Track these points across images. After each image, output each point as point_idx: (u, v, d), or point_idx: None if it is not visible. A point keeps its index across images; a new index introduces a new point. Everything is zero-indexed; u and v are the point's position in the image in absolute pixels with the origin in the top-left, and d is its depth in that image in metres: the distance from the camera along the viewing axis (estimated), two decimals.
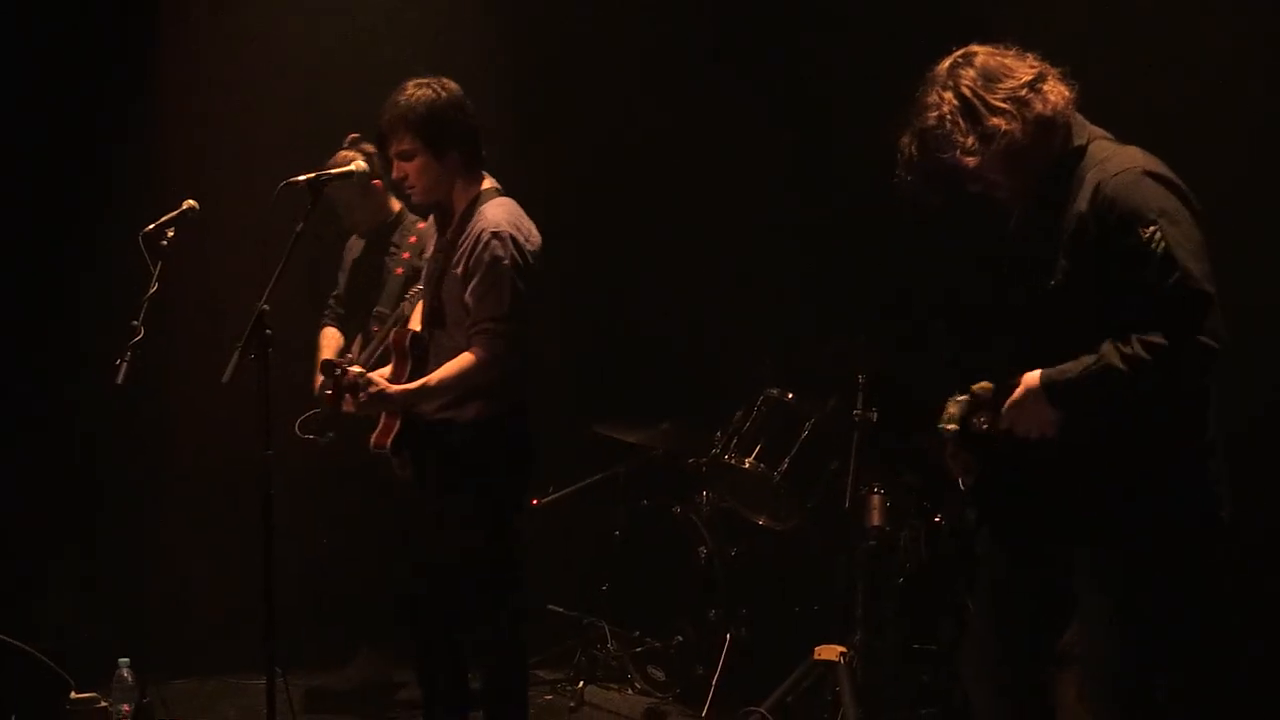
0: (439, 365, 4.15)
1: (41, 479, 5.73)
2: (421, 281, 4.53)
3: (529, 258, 4.07)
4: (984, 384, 3.29)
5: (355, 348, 5.34)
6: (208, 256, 5.17)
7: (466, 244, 4.12)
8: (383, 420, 4.22)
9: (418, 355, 4.27)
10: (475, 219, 4.14)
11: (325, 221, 4.93)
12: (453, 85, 4.20)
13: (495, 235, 4.04)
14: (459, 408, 4.14)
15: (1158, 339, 3.09)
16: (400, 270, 5.38)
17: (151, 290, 4.24)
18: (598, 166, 5.93)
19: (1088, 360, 3.17)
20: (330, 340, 5.51)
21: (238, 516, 5.01)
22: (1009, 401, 3.25)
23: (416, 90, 4.14)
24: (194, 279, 5.02)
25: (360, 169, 4.79)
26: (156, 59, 6.00)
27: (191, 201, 4.38)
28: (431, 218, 4.44)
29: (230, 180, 5.42)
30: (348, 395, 4.12)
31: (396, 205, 5.45)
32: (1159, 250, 3.09)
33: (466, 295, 4.10)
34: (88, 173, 5.76)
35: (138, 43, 5.91)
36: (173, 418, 5.79)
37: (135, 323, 4.20)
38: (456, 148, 4.13)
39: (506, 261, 4.04)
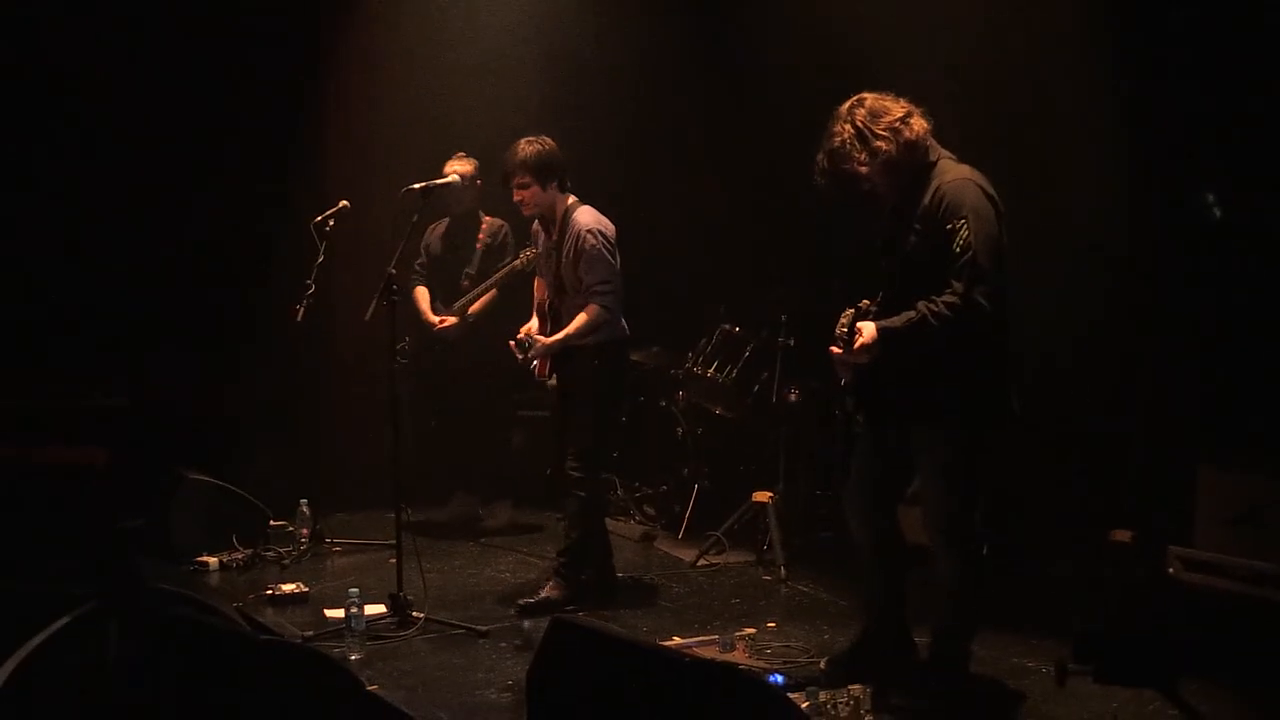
0: (570, 319, 4.96)
1: (253, 382, 6.51)
2: (539, 268, 5.24)
3: (610, 240, 4.93)
4: (865, 300, 3.74)
5: (464, 300, 5.90)
6: (356, 236, 5.77)
7: (570, 241, 4.91)
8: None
9: (554, 315, 5.10)
10: (571, 224, 4.93)
11: (411, 211, 5.11)
12: (549, 140, 4.97)
13: (589, 232, 4.90)
14: (586, 339, 4.97)
15: (951, 298, 3.53)
16: (479, 245, 6.12)
17: (320, 259, 5.39)
18: (598, 165, 5.88)
19: (908, 315, 3.60)
20: (423, 295, 6.11)
21: (374, 405, 5.76)
22: (859, 344, 3.64)
23: (529, 145, 4.93)
24: (346, 252, 5.83)
25: (458, 175, 5.61)
26: (318, 96, 6.73)
27: (345, 201, 5.50)
28: (536, 222, 5.16)
29: (372, 183, 6.04)
30: (529, 348, 4.96)
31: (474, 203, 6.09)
32: (963, 236, 3.56)
33: (579, 273, 4.90)
34: (273, 179, 6.43)
35: (304, 81, 6.60)
36: (334, 342, 6.44)
37: (308, 280, 5.36)
38: (555, 180, 4.98)
39: (600, 247, 4.89)
